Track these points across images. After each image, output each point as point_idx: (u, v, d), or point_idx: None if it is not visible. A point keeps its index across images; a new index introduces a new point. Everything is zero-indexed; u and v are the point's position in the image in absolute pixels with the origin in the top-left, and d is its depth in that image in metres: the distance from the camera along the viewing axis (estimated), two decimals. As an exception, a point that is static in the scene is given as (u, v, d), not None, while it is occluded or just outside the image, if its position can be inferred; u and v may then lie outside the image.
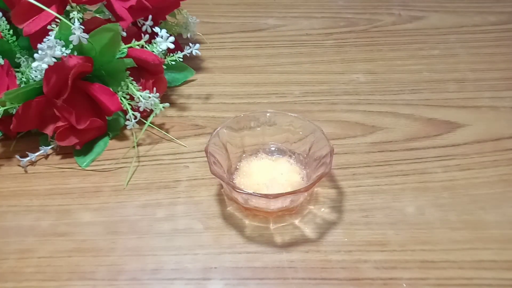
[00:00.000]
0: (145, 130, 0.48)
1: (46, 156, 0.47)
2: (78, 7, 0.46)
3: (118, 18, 0.48)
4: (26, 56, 0.48)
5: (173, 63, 0.50)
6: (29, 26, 0.44)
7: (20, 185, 0.44)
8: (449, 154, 0.46)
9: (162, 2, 0.52)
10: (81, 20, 0.45)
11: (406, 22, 0.67)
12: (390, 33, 0.65)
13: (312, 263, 0.37)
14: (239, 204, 0.41)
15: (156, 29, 0.48)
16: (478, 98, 0.53)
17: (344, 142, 0.48)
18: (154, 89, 0.47)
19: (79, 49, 0.45)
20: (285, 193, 0.37)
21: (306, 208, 0.41)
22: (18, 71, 0.47)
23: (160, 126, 0.50)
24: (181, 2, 0.54)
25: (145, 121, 0.47)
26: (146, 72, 0.49)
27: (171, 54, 0.50)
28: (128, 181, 0.44)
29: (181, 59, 0.50)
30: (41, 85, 0.43)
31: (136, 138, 0.48)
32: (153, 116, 0.48)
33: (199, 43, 0.52)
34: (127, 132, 0.49)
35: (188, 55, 0.50)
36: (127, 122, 0.46)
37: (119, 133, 0.49)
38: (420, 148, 0.47)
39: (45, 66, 0.42)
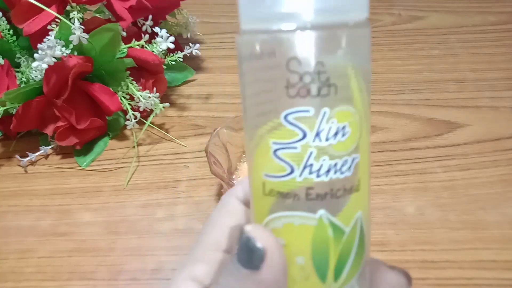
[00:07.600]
0: (145, 130, 0.48)
1: (46, 156, 0.47)
2: (78, 7, 0.46)
3: (118, 18, 0.48)
4: (26, 56, 0.48)
5: (173, 63, 0.50)
6: (29, 26, 0.44)
7: (20, 185, 0.44)
8: (449, 154, 0.46)
9: (162, 2, 0.51)
10: (81, 20, 0.45)
11: (406, 22, 0.67)
12: (390, 33, 0.65)
13: (312, 263, 0.37)
14: (239, 204, 0.40)
15: (156, 29, 0.48)
16: (478, 98, 0.53)
17: (344, 142, 0.48)
18: (154, 89, 0.47)
19: (79, 49, 0.44)
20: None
21: (306, 208, 0.41)
22: (18, 71, 0.47)
23: (160, 126, 0.50)
24: (181, 2, 0.54)
25: (145, 121, 0.47)
26: (146, 72, 0.49)
27: (171, 54, 0.50)
28: (128, 181, 0.44)
29: (181, 59, 0.50)
30: (41, 85, 0.43)
31: (136, 138, 0.48)
32: (153, 116, 0.48)
33: (199, 43, 0.52)
34: (127, 132, 0.49)
35: (188, 55, 0.50)
36: (127, 122, 0.46)
37: (119, 133, 0.49)
38: (420, 148, 0.47)
39: (45, 66, 0.42)
